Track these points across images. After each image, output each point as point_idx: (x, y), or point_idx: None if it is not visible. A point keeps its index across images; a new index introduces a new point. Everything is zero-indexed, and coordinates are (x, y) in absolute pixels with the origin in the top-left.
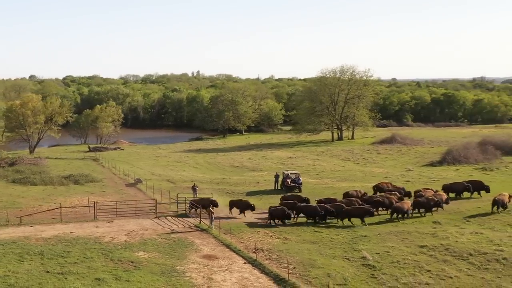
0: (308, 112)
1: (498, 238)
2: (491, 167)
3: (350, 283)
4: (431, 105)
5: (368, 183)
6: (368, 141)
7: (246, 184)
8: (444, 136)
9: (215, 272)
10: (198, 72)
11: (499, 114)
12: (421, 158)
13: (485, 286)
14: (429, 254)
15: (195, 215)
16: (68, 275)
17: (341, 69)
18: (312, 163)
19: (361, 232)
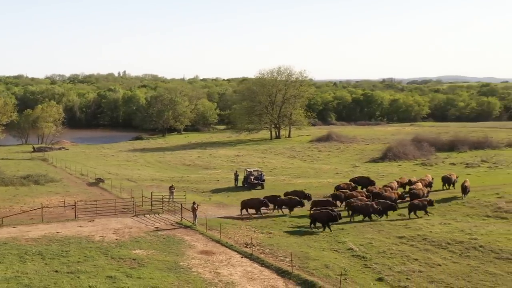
0: (248, 112)
1: (467, 227)
2: (430, 162)
3: (350, 274)
4: (352, 105)
5: (323, 179)
6: (305, 139)
7: (207, 182)
8: (373, 134)
9: (219, 267)
10: (125, 72)
11: (413, 113)
12: (361, 155)
13: (473, 272)
14: (409, 244)
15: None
16: (79, 274)
17: (278, 70)
18: (261, 161)
19: (338, 226)
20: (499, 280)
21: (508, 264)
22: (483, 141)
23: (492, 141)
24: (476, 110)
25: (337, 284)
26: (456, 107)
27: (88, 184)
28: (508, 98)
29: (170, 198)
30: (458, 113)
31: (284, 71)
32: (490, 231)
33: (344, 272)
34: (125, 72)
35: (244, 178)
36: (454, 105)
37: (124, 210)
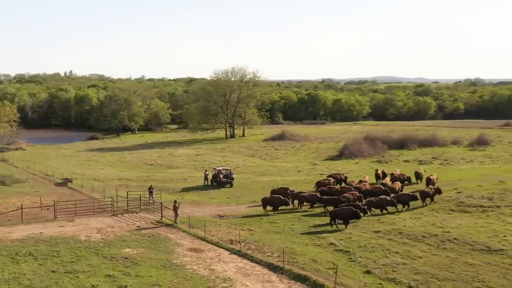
0: (203, 111)
1: (437, 221)
2: (385, 160)
3: (339, 268)
4: (298, 105)
5: (287, 177)
6: (259, 138)
7: (174, 181)
8: (323, 132)
9: (212, 264)
10: (71, 72)
11: (355, 112)
12: (318, 153)
13: (454, 263)
14: (387, 238)
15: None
16: (77, 274)
17: (232, 70)
18: (223, 160)
19: (313, 222)
20: (479, 271)
21: (484, 255)
22: (431, 139)
23: (439, 139)
24: (413, 109)
25: (328, 277)
26: (394, 107)
27: (56, 184)
28: (441, 98)
29: (150, 198)
30: (397, 113)
31: (238, 72)
32: (459, 224)
33: (333, 266)
34: (71, 72)
35: (213, 177)
36: (393, 105)
37: (100, 209)
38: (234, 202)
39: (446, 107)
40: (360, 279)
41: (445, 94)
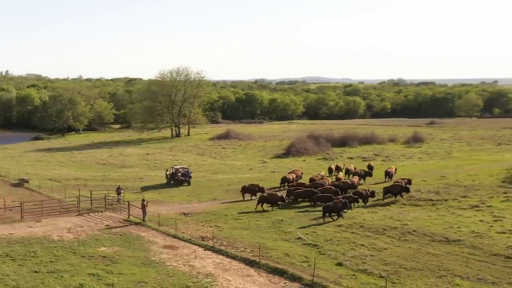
0: (149, 111)
1: (394, 215)
2: (331, 157)
3: (311, 261)
4: (236, 104)
5: (241, 175)
6: (205, 137)
7: (131, 180)
8: (265, 131)
9: (190, 260)
10: (7, 71)
11: (290, 111)
12: (264, 151)
13: (418, 254)
14: (350, 231)
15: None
16: (60, 273)
17: (177, 70)
18: (174, 158)
19: (276, 217)
20: (443, 260)
21: (443, 245)
22: (370, 137)
23: (377, 137)
24: (344, 108)
25: (303, 270)
26: (327, 106)
27: (12, 185)
28: (369, 97)
29: (118, 198)
30: (329, 112)
31: (182, 72)
32: (415, 217)
33: (306, 259)
34: (7, 71)
35: (171, 175)
36: (325, 104)
37: (64, 209)
38: (195, 200)
39: (374, 106)
40: (334, 271)
41: (372, 94)
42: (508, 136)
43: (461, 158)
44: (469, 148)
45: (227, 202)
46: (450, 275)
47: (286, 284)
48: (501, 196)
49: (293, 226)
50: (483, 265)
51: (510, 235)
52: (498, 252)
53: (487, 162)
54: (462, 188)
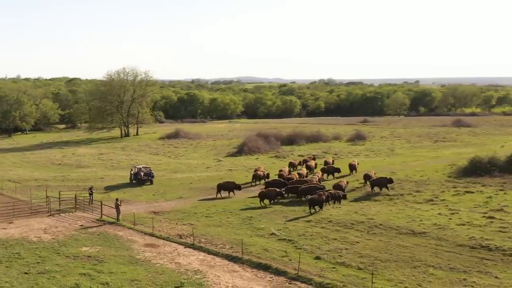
0: (98, 111)
1: (358, 209)
2: (283, 155)
3: (290, 256)
4: (177, 104)
5: (201, 173)
6: (154, 136)
7: (92, 180)
8: (211, 131)
9: (175, 258)
10: None
11: (229, 111)
12: (217, 150)
13: (389, 246)
14: (320, 226)
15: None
16: (52, 274)
17: (123, 71)
18: (129, 158)
19: (245, 214)
20: (413, 251)
21: (411, 237)
22: (316, 135)
23: (323, 135)
24: (281, 107)
25: (285, 265)
26: (264, 105)
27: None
28: (304, 97)
29: (90, 199)
30: (267, 111)
31: (130, 72)
32: (378, 211)
33: (285, 254)
34: None
35: (133, 175)
36: (263, 103)
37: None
38: (162, 199)
39: (309, 105)
40: (314, 264)
41: (307, 94)
42: (442, 133)
43: (404, 155)
44: (410, 145)
45: (202, 200)
46: (423, 266)
47: (272, 278)
48: (452, 191)
49: (264, 223)
50: (451, 255)
51: (469, 227)
52: (463, 243)
53: (429, 158)
54: (414, 183)
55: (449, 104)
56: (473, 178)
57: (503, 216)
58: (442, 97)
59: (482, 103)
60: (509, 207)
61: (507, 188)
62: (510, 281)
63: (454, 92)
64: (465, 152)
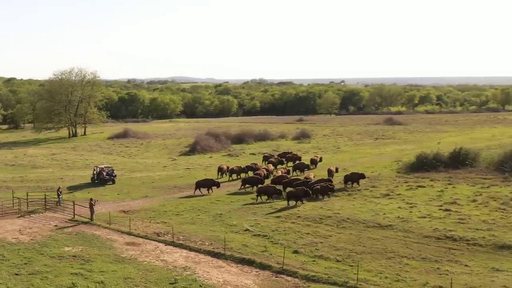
0: (47, 111)
1: (323, 205)
2: (235, 153)
3: (270, 250)
4: (118, 103)
5: (161, 172)
6: (102, 136)
7: (51, 181)
8: (158, 130)
9: (159, 255)
10: None
11: (169, 110)
12: (169, 149)
13: (360, 239)
14: (290, 222)
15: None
16: (43, 274)
17: (71, 71)
18: (82, 158)
19: (215, 211)
20: (385, 243)
21: (379, 230)
22: (264, 133)
23: (270, 134)
24: (219, 107)
25: (268, 259)
26: (203, 105)
27: None
28: (240, 96)
29: (59, 200)
30: (205, 110)
31: (78, 73)
32: (342, 206)
33: (265, 249)
34: None
35: (95, 175)
36: (201, 103)
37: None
38: (127, 198)
39: (245, 104)
40: (294, 258)
41: (242, 93)
42: (380, 131)
43: (350, 152)
44: (353, 143)
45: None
46: (397, 257)
47: (258, 273)
48: (404, 185)
49: (235, 219)
50: (420, 246)
51: (430, 219)
52: (428, 234)
53: (374, 155)
54: (367, 179)
55: (376, 103)
56: (421, 173)
57: (458, 209)
58: (370, 96)
59: (406, 102)
60: (461, 200)
61: (455, 182)
62: (480, 269)
63: (381, 92)
64: (406, 149)
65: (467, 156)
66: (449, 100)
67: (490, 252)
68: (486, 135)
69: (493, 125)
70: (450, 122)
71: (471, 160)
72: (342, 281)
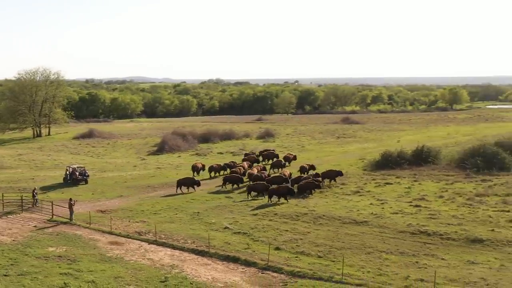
0: (10, 111)
1: (298, 202)
2: (203, 152)
3: (252, 248)
4: (79, 103)
5: (132, 172)
6: (67, 136)
7: (23, 181)
8: (122, 130)
9: (145, 254)
10: None
11: (130, 110)
12: (137, 149)
13: (338, 235)
14: (268, 219)
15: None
16: (32, 275)
17: (36, 71)
18: (51, 158)
19: (192, 210)
20: (363, 239)
21: (355, 226)
22: (229, 133)
23: (235, 133)
24: (179, 107)
25: (252, 256)
26: (163, 105)
27: None
28: (199, 96)
29: (35, 201)
30: (165, 110)
31: (43, 72)
32: (316, 204)
33: (248, 246)
34: None
35: (68, 175)
36: (161, 103)
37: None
38: (102, 197)
39: (204, 104)
40: (277, 255)
41: (201, 93)
42: (340, 130)
43: (315, 150)
44: (316, 142)
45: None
46: (376, 252)
47: (244, 269)
48: (373, 183)
49: (213, 218)
50: (397, 241)
51: (402, 215)
52: (403, 230)
53: (339, 153)
54: (337, 177)
55: (331, 102)
56: (386, 170)
57: (427, 205)
58: (325, 96)
59: (360, 102)
60: (429, 196)
61: (420, 179)
62: (456, 262)
63: (335, 92)
64: (368, 147)
65: (429, 153)
66: (400, 99)
67: (463, 246)
68: (441, 134)
69: (446, 124)
70: (403, 121)
71: (433, 158)
72: (327, 276)
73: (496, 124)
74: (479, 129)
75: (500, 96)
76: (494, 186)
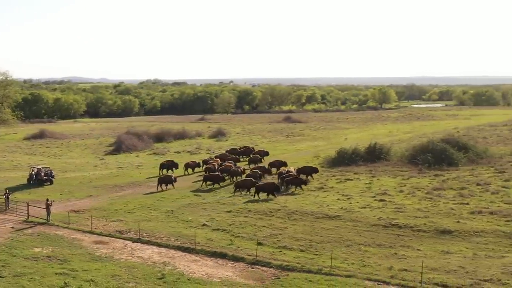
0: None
1: (268, 198)
2: (161, 151)
3: (236, 243)
4: (22, 104)
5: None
6: (17, 137)
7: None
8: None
9: (133, 252)
10: None
11: (73, 111)
12: (92, 149)
13: (315, 230)
14: (243, 216)
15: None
16: (27, 276)
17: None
18: (7, 159)
19: (165, 209)
20: (339, 233)
21: (329, 221)
22: (182, 132)
23: (188, 132)
24: (121, 107)
25: (238, 251)
26: (106, 105)
27: None
28: (140, 96)
29: (7, 202)
30: (108, 110)
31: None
32: (286, 200)
33: (231, 242)
34: None
35: (33, 175)
36: (104, 103)
37: None
38: (72, 197)
39: (146, 104)
40: (261, 250)
41: (143, 93)
42: (287, 129)
43: (269, 149)
44: (267, 140)
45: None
46: (354, 244)
47: (234, 265)
48: (333, 179)
49: (188, 215)
50: (372, 234)
51: (370, 209)
52: (375, 223)
53: (292, 151)
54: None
55: (268, 102)
56: (343, 167)
57: (390, 199)
58: (262, 96)
59: (295, 101)
60: (390, 190)
61: (377, 175)
62: (431, 252)
63: (272, 92)
64: (319, 145)
65: (381, 150)
66: (332, 99)
67: (435, 237)
68: (383, 131)
69: (383, 122)
70: (341, 120)
71: (385, 154)
72: (316, 269)
73: (429, 122)
74: (416, 127)
75: (424, 96)
76: (447, 180)
